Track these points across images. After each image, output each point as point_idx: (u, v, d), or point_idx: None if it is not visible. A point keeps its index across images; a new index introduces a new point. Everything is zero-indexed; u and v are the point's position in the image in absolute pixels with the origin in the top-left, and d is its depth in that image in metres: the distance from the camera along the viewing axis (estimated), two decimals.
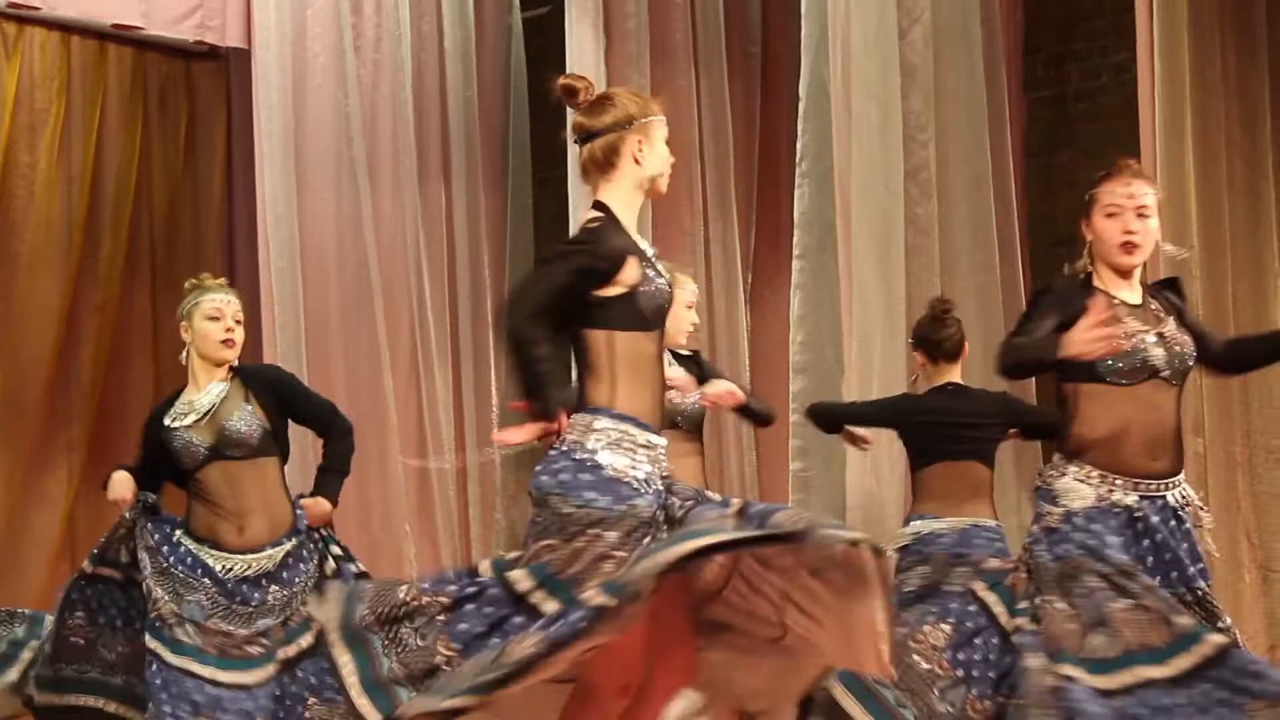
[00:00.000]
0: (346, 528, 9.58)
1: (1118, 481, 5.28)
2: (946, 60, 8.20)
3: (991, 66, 8.31)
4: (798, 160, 8.42)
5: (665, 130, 4.88)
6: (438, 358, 9.89)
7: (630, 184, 4.83)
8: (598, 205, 4.82)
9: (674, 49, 9.32)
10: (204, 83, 10.84)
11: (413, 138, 9.91)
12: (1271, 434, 7.49)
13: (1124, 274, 5.45)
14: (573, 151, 8.53)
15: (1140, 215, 5.37)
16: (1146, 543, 5.26)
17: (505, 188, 10.30)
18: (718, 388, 6.65)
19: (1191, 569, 5.26)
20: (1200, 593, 5.25)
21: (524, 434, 4.66)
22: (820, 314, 8.34)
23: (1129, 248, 5.35)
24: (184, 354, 6.89)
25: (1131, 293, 5.44)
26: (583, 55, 9.02)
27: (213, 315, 6.81)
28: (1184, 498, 5.34)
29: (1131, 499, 5.27)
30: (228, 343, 6.80)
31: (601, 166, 4.82)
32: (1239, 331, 7.46)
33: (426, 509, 9.74)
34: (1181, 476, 5.37)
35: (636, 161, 4.81)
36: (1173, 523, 5.29)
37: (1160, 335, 5.36)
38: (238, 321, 6.86)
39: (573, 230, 8.52)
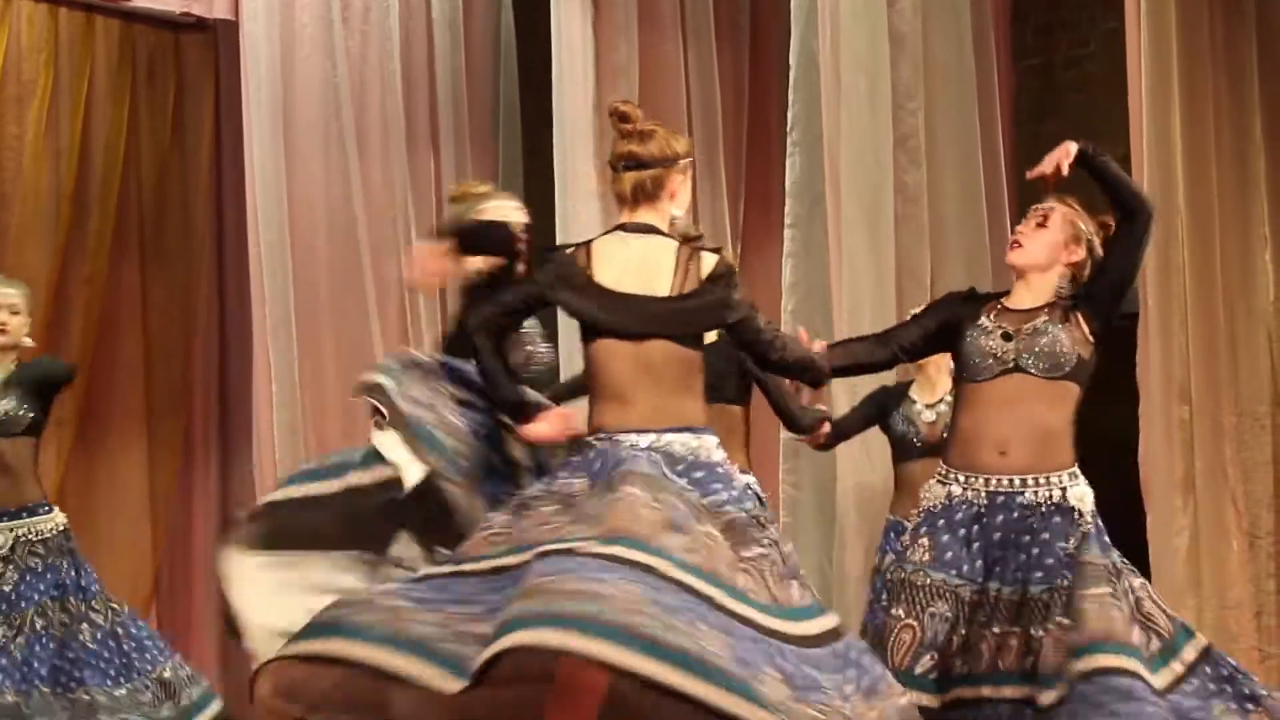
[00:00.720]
0: None
1: (971, 480, 5.33)
2: (935, 29, 8.22)
3: (980, 35, 8.33)
4: (789, 129, 8.44)
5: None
6: (427, 327, 9.89)
7: (659, 219, 4.86)
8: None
9: (662, 18, 9.31)
10: (192, 55, 10.82)
11: (401, 107, 9.90)
12: (1258, 400, 7.51)
13: (1021, 275, 5.60)
14: (565, 123, 8.66)
15: (1039, 224, 5.58)
16: (979, 544, 5.29)
17: (494, 157, 10.29)
18: None
19: (1032, 572, 5.22)
20: (1028, 595, 5.20)
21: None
22: (811, 282, 8.36)
23: (1013, 245, 5.61)
24: None
25: (1025, 297, 5.52)
26: (570, 24, 9.01)
27: None
28: (1047, 498, 5.31)
29: (980, 497, 5.31)
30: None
31: (647, 196, 4.84)
32: (1227, 294, 7.48)
33: None
34: (1053, 476, 5.34)
35: (673, 198, 4.85)
36: (1029, 520, 5.28)
37: (1019, 332, 5.43)
38: (13, 313, 7.34)
39: (560, 202, 8.60)
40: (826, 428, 6.81)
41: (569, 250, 4.86)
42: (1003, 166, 8.33)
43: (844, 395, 7.75)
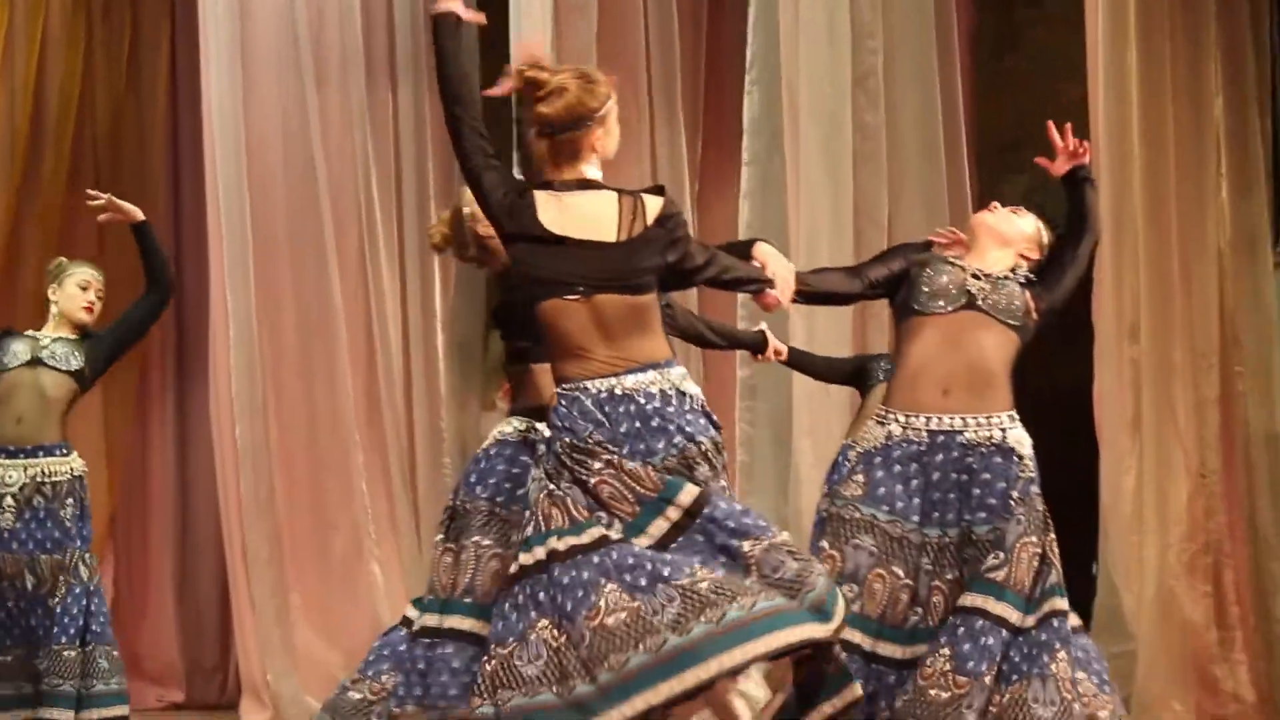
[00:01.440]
0: (294, 439, 9.63)
1: (912, 419, 5.36)
2: None
3: None
4: (747, 67, 8.42)
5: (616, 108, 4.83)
6: (386, 265, 9.87)
7: (590, 171, 4.78)
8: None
9: None
10: None
11: (360, 43, 9.84)
12: (1208, 340, 7.55)
13: (974, 243, 5.68)
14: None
15: (1014, 211, 5.74)
16: (917, 483, 5.32)
17: None
18: None
19: (976, 513, 5.26)
20: (973, 535, 5.24)
21: None
22: (768, 220, 8.34)
23: (990, 206, 5.74)
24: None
25: (981, 263, 5.59)
26: None
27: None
28: (988, 438, 5.34)
29: (921, 435, 5.34)
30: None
31: (569, 157, 4.75)
32: (1180, 235, 7.51)
33: (375, 417, 9.75)
34: (994, 417, 5.36)
35: (595, 150, 4.77)
36: (968, 460, 5.31)
37: (985, 276, 5.50)
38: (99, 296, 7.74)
39: (517, 140, 8.57)
40: (782, 350, 6.73)
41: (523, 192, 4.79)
42: (961, 105, 8.32)
43: (801, 335, 7.75)
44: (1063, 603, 5.27)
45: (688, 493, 4.51)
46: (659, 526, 4.50)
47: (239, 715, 9.57)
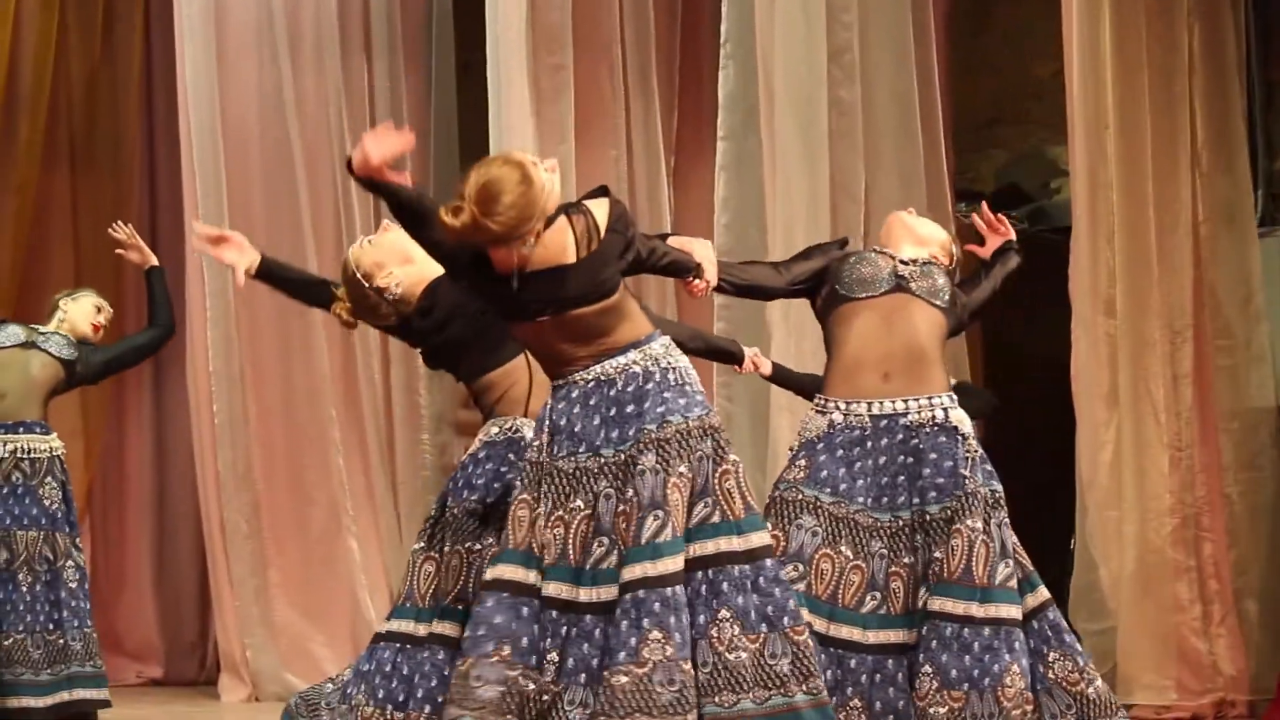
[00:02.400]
0: (271, 415, 9.63)
1: (853, 405, 5.38)
2: None
3: None
4: (722, 41, 8.41)
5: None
6: (362, 236, 9.83)
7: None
8: None
9: None
10: None
11: (335, 16, 9.83)
12: (1183, 314, 7.58)
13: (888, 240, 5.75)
14: (498, 38, 8.62)
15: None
16: (860, 466, 5.34)
17: (428, 70, 10.23)
18: None
19: (927, 493, 5.27)
20: (926, 516, 5.26)
21: None
22: (744, 196, 8.35)
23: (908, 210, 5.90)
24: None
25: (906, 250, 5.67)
26: None
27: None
28: (930, 419, 5.36)
29: (864, 421, 5.37)
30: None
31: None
32: (1156, 209, 7.53)
33: (352, 392, 9.75)
34: (935, 398, 5.38)
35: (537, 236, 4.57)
36: (913, 442, 5.33)
37: (911, 262, 5.56)
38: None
39: (494, 117, 8.57)
40: (765, 365, 6.69)
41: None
42: (937, 81, 8.33)
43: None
44: (1039, 596, 5.32)
45: (635, 568, 4.44)
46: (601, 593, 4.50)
47: (218, 691, 9.59)
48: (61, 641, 7.43)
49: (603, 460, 4.55)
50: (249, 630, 9.48)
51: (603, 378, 4.61)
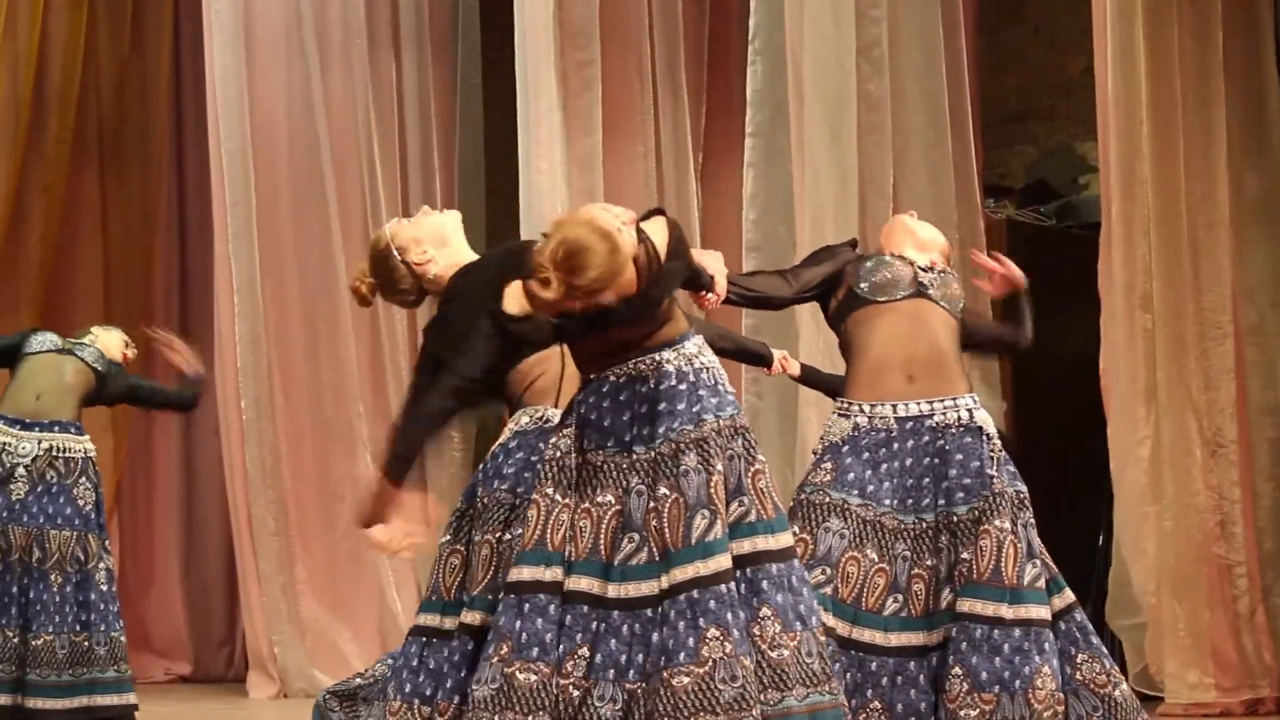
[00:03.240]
0: (298, 412, 9.64)
1: (877, 408, 5.36)
2: None
3: None
4: (750, 37, 8.40)
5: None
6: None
7: None
8: None
9: None
10: None
11: (363, 16, 9.84)
12: (1220, 310, 7.54)
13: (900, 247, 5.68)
14: (525, 34, 8.61)
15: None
16: (886, 468, 5.32)
17: (455, 66, 10.24)
18: None
19: (954, 494, 5.26)
20: (953, 517, 5.25)
21: None
22: (773, 191, 8.34)
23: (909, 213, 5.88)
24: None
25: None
26: None
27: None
28: (956, 420, 5.35)
29: (889, 423, 5.35)
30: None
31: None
32: (1189, 204, 7.50)
33: (380, 387, 9.76)
34: (959, 399, 5.37)
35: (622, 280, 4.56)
36: (939, 443, 5.32)
37: (931, 269, 5.53)
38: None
39: (522, 113, 8.57)
40: (793, 366, 6.64)
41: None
42: (966, 76, 8.30)
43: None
44: (1066, 598, 5.31)
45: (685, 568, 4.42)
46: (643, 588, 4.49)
47: (246, 688, 9.60)
48: (86, 645, 7.43)
49: (634, 457, 4.52)
50: (276, 627, 9.49)
51: (634, 374, 4.58)
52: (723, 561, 4.39)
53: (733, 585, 4.38)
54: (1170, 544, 7.46)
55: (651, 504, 4.45)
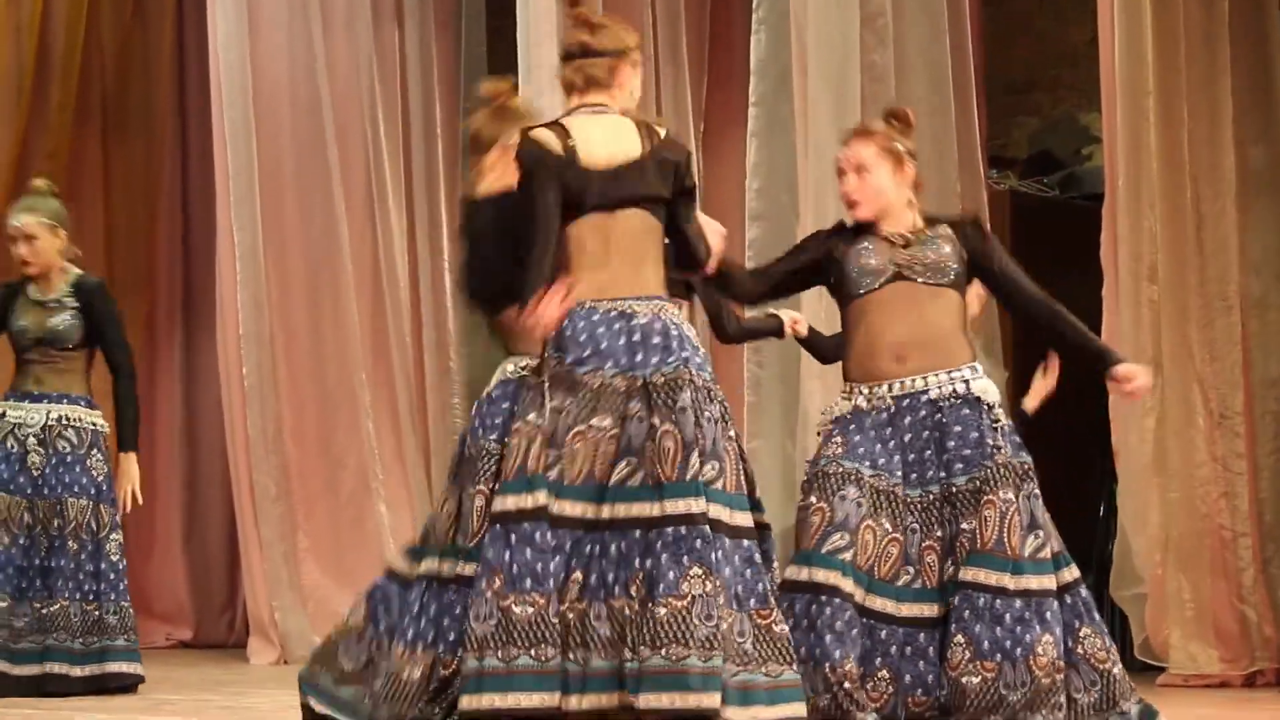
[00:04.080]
0: (300, 378, 9.64)
1: (875, 389, 5.36)
2: None
3: None
4: (754, 7, 8.39)
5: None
6: (394, 203, 9.87)
7: (611, 104, 5.03)
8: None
9: None
10: None
11: None
12: (1225, 282, 7.55)
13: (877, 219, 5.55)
14: (527, 1, 8.60)
15: (859, 173, 5.48)
16: (894, 443, 5.33)
17: (459, 35, 10.23)
18: None
19: (953, 465, 5.28)
20: (953, 488, 5.26)
21: None
22: (775, 161, 8.34)
23: (851, 204, 5.52)
24: None
25: (895, 225, 5.49)
26: None
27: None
28: (952, 392, 5.35)
29: (887, 402, 5.35)
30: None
31: (599, 84, 5.01)
32: (1194, 175, 7.50)
33: (382, 355, 9.77)
34: (955, 371, 5.36)
35: (621, 88, 5.04)
36: (938, 417, 5.32)
37: (908, 244, 5.44)
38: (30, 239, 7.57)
39: (524, 84, 8.56)
40: (803, 326, 6.60)
41: (544, 138, 4.91)
42: (970, 46, 8.29)
43: None
44: (1072, 572, 5.32)
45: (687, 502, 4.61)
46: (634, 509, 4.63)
47: (247, 654, 9.62)
48: (98, 614, 7.47)
49: (633, 380, 4.71)
50: (278, 593, 9.50)
51: (626, 311, 4.80)
52: (716, 511, 4.63)
53: (725, 538, 4.63)
54: (1174, 515, 7.47)
55: (649, 431, 4.64)
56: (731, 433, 4.78)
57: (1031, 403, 6.29)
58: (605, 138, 4.91)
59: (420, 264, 9.90)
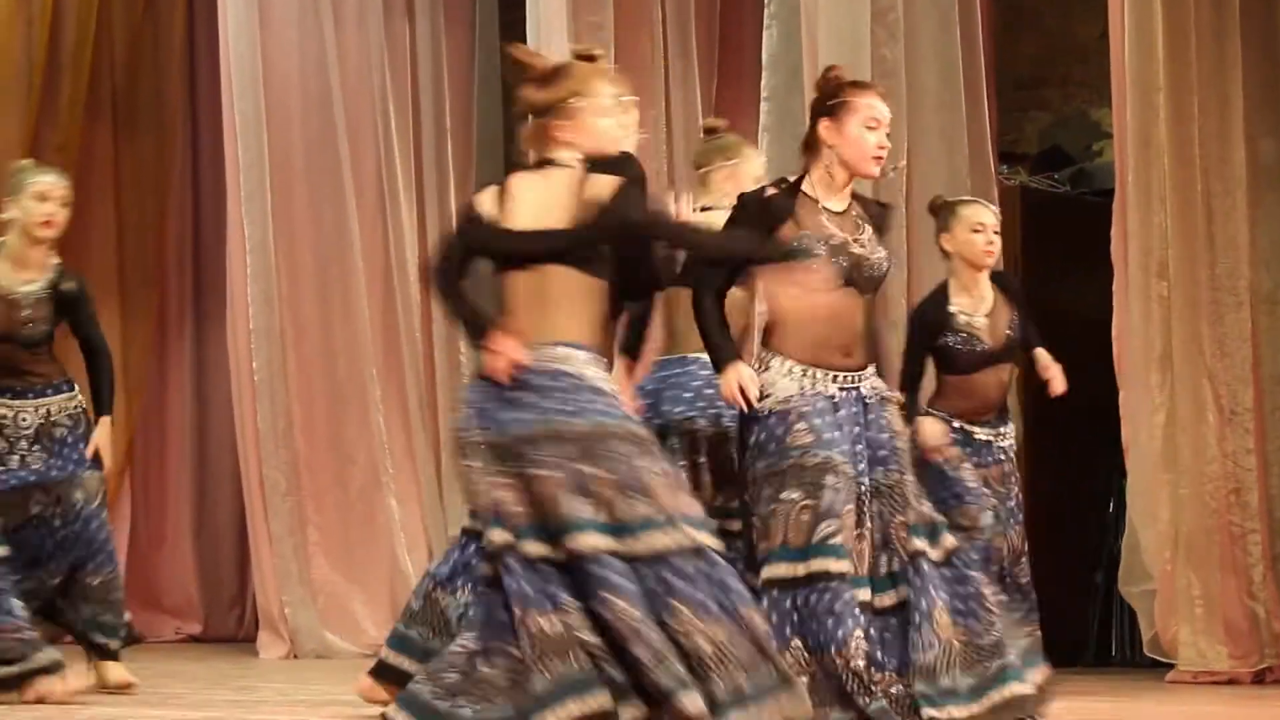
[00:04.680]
0: (311, 373, 9.65)
1: (819, 374, 5.34)
2: None
3: None
4: (766, 2, 8.39)
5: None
6: (404, 198, 9.88)
7: (563, 155, 4.83)
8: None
9: None
10: None
11: None
12: (1235, 277, 7.54)
13: (844, 183, 5.54)
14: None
15: (886, 134, 5.53)
16: (840, 430, 5.34)
17: (470, 29, 10.24)
18: None
19: (888, 462, 5.36)
20: (879, 484, 5.34)
21: None
22: (786, 157, 8.29)
23: (879, 160, 5.52)
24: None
25: (839, 201, 5.49)
26: None
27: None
28: (874, 389, 5.41)
29: (832, 389, 5.35)
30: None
31: (535, 142, 4.86)
32: (1204, 171, 7.49)
33: (393, 349, 9.78)
34: (872, 370, 5.43)
35: (561, 143, 4.81)
36: (869, 414, 5.38)
37: (856, 242, 5.43)
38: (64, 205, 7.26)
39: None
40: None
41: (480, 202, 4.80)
42: (980, 41, 8.29)
43: None
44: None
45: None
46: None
47: (256, 648, 9.63)
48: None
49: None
50: (287, 588, 9.51)
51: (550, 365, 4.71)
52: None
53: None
54: (1183, 511, 7.46)
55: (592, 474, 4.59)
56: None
57: (1057, 385, 6.55)
58: (538, 200, 4.73)
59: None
